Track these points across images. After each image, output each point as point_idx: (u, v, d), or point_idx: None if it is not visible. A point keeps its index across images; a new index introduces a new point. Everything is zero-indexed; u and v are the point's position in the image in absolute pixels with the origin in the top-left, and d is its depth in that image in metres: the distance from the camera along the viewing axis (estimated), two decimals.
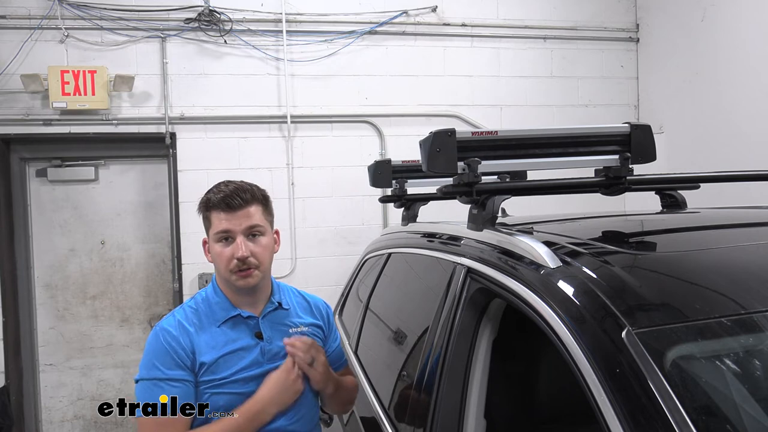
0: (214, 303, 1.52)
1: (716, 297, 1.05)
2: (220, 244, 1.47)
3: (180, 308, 1.55)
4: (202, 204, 1.52)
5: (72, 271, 4.15)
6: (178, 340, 1.44)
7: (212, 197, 1.48)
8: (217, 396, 1.43)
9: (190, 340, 1.44)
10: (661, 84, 4.38)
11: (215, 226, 1.47)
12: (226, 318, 1.50)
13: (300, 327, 1.58)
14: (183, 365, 1.42)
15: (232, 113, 4.07)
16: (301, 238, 4.16)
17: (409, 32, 4.30)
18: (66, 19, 3.84)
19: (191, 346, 1.44)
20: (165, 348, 1.43)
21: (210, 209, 1.48)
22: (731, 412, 0.90)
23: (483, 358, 1.40)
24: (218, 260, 1.48)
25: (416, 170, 2.34)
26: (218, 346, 1.46)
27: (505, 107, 4.43)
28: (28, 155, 4.09)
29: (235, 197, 1.46)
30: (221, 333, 1.48)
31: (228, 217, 1.46)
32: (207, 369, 1.44)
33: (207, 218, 1.50)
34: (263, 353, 1.49)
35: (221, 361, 1.45)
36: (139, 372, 1.45)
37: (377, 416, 1.82)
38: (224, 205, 1.45)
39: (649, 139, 1.55)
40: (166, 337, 1.44)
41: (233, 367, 1.45)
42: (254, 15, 4.07)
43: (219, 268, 1.49)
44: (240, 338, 1.49)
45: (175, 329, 1.46)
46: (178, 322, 1.48)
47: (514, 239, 1.35)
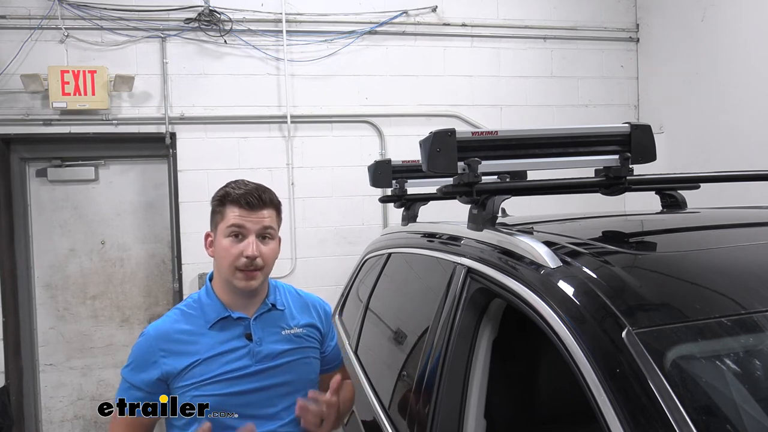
0: (206, 305, 1.52)
1: (716, 297, 1.05)
2: (230, 239, 1.45)
3: (172, 311, 1.55)
4: (217, 197, 1.50)
5: (72, 271, 4.15)
6: (157, 344, 1.46)
7: (232, 192, 1.47)
8: (198, 398, 1.43)
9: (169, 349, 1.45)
10: (661, 84, 4.38)
11: (228, 219, 1.46)
12: (217, 319, 1.49)
13: (294, 329, 1.55)
14: (153, 373, 1.44)
15: (232, 113, 4.07)
16: (301, 238, 4.16)
17: (409, 32, 4.30)
18: (66, 19, 3.84)
19: (168, 357, 1.45)
20: (142, 354, 1.46)
21: (226, 203, 1.47)
22: (731, 412, 0.90)
23: (483, 358, 1.40)
24: (224, 255, 1.46)
25: (416, 170, 2.34)
26: (204, 348, 1.46)
27: (505, 107, 4.43)
28: (28, 155, 4.09)
29: (256, 196, 1.46)
30: (210, 335, 1.48)
31: (244, 214, 1.45)
32: (189, 371, 1.43)
33: (219, 212, 1.49)
34: (252, 355, 1.48)
35: (206, 363, 1.44)
36: (123, 367, 1.49)
37: (377, 416, 1.82)
38: (244, 201, 1.45)
39: (649, 139, 1.55)
40: (147, 341, 1.47)
41: (218, 369, 1.44)
42: (254, 15, 4.07)
43: (222, 264, 1.47)
44: (229, 340, 1.48)
45: (159, 333, 1.48)
46: (164, 328, 1.49)
47: (514, 239, 1.35)
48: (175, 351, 1.45)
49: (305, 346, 1.57)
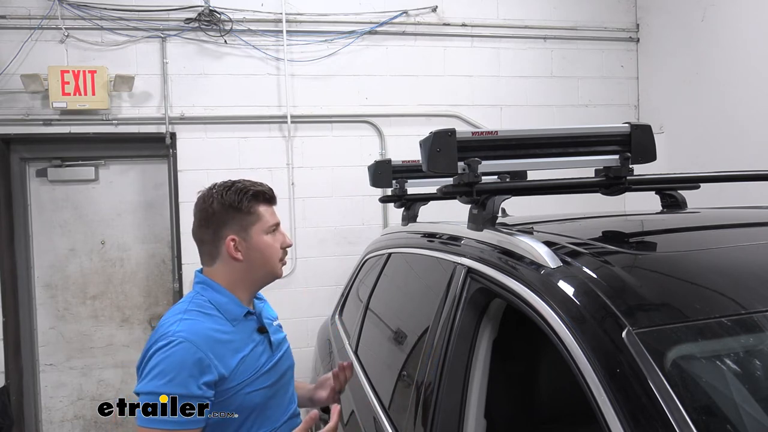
0: (224, 303, 1.50)
1: (716, 297, 1.05)
2: (270, 235, 1.54)
3: (186, 314, 1.44)
4: (247, 197, 1.50)
5: (72, 271, 4.14)
6: (204, 348, 1.38)
7: (257, 190, 1.53)
8: (251, 394, 1.46)
9: (217, 350, 1.40)
10: (661, 84, 4.38)
11: (268, 219, 1.54)
12: (241, 315, 1.51)
13: (275, 319, 1.68)
14: (210, 377, 1.37)
15: (232, 113, 4.07)
16: (301, 238, 4.16)
17: (409, 32, 4.30)
18: (66, 19, 3.84)
19: (218, 358, 1.39)
20: (192, 360, 1.35)
21: (258, 202, 1.53)
22: (731, 412, 0.90)
23: (483, 358, 1.40)
24: (272, 252, 1.54)
25: (416, 170, 2.34)
26: (242, 345, 1.47)
27: (505, 107, 4.43)
28: (28, 155, 4.09)
29: (272, 193, 1.57)
30: (238, 332, 1.49)
31: (272, 211, 1.56)
32: (239, 368, 1.44)
33: (253, 212, 1.52)
34: (270, 346, 1.56)
35: (249, 359, 1.47)
36: (157, 385, 1.33)
37: (377, 416, 1.82)
38: (271, 198, 1.56)
39: (649, 139, 1.55)
40: (195, 348, 1.36)
41: (256, 363, 1.49)
42: (254, 15, 4.07)
43: (269, 260, 1.54)
44: (251, 334, 1.53)
45: (199, 337, 1.39)
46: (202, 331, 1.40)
47: (514, 239, 1.35)
48: (222, 351, 1.41)
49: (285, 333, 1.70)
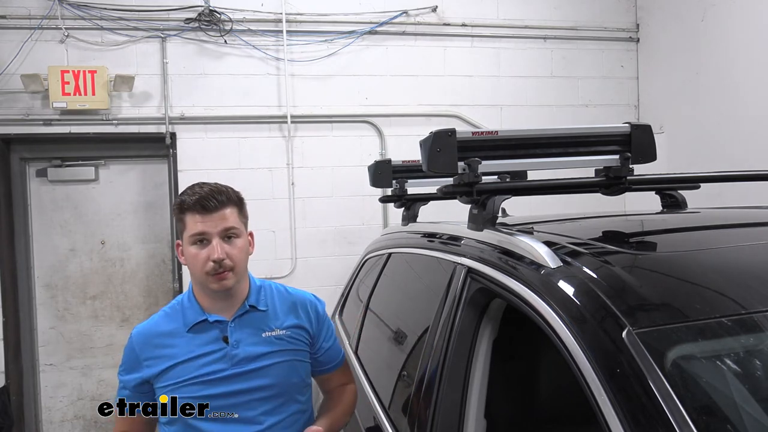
0: (186, 308, 1.52)
1: (716, 297, 1.05)
2: (195, 246, 1.44)
3: (158, 312, 1.58)
4: (176, 206, 1.48)
5: (72, 271, 4.14)
6: (139, 347, 1.50)
7: (187, 199, 1.44)
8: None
9: (149, 352, 1.50)
10: (661, 84, 4.38)
11: (190, 229, 1.44)
12: (194, 323, 1.49)
13: (276, 330, 1.52)
14: (137, 375, 1.49)
15: (232, 113, 4.07)
16: (302, 238, 4.16)
17: (409, 32, 4.30)
18: (66, 19, 3.84)
19: (149, 359, 1.49)
20: (128, 356, 1.52)
21: (184, 211, 1.44)
22: (731, 412, 0.90)
23: (483, 358, 1.40)
24: (193, 263, 1.44)
25: (416, 170, 2.34)
26: (182, 351, 1.47)
27: (505, 107, 4.43)
28: (29, 155, 4.09)
29: (211, 199, 1.43)
30: (188, 338, 1.48)
31: (203, 220, 1.42)
32: (167, 373, 1.46)
33: (181, 221, 1.47)
34: (228, 358, 1.46)
35: (182, 366, 1.45)
36: (119, 370, 1.55)
37: (377, 416, 1.82)
38: (200, 207, 1.42)
39: (649, 139, 1.55)
40: (131, 344, 1.52)
41: (193, 372, 1.45)
42: (254, 15, 4.07)
43: (194, 271, 1.46)
44: (205, 343, 1.47)
45: (141, 336, 1.52)
46: (146, 331, 1.53)
47: (514, 239, 1.35)
48: (154, 354, 1.48)
49: (289, 349, 1.52)
